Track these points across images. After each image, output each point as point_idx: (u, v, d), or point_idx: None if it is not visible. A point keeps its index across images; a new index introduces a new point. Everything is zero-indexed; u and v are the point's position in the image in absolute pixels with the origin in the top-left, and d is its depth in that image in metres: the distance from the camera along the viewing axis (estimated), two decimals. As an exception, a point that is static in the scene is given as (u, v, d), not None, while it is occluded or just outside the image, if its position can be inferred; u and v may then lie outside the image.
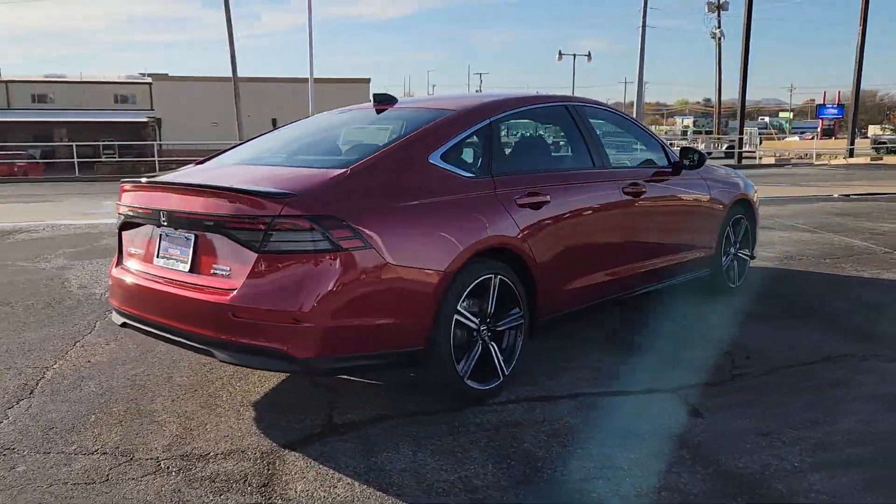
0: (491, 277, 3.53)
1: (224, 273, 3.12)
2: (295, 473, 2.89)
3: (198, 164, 4.12)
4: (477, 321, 3.51)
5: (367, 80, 57.03)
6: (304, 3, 25.35)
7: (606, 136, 4.83)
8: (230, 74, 29.41)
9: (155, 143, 36.00)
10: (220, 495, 2.71)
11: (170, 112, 46.63)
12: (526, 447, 3.10)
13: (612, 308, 5.13)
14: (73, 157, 32.19)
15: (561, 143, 4.99)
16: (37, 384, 3.88)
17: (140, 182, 3.54)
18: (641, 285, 4.73)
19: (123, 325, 3.61)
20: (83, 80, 57.80)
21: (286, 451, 3.09)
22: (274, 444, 3.15)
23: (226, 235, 3.08)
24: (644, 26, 26.15)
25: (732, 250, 5.69)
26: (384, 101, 4.22)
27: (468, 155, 3.83)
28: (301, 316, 2.95)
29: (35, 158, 38.58)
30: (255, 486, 2.79)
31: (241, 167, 3.77)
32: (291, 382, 3.89)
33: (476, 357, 3.50)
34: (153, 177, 3.64)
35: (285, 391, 3.79)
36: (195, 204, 3.20)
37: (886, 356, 4.21)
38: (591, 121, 4.52)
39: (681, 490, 2.73)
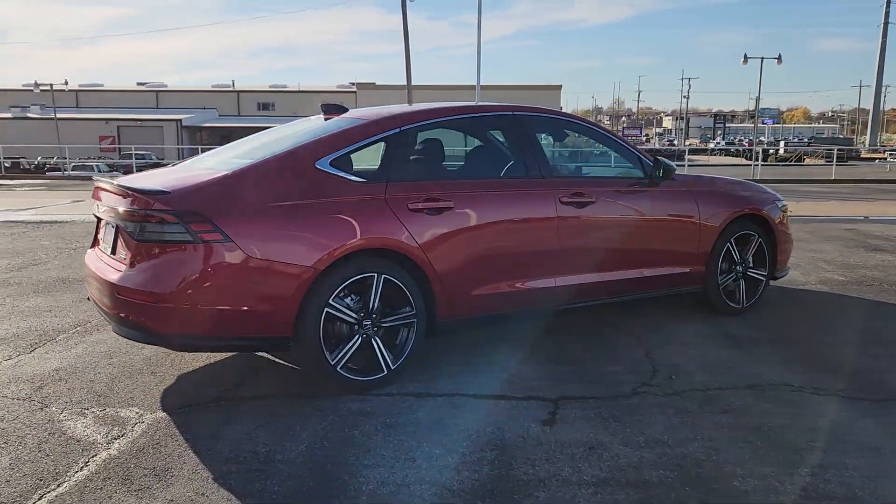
0: (373, 276, 3.78)
1: (122, 258, 3.68)
2: (148, 428, 3.36)
3: (172, 165, 4.76)
4: (356, 315, 3.78)
5: (558, 87, 57.23)
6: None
7: (573, 148, 4.84)
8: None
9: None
10: (86, 426, 3.26)
11: (372, 118, 49.39)
12: (350, 432, 3.35)
13: (568, 317, 5.15)
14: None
15: (488, 152, 5.00)
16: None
17: (94, 182, 4.23)
18: (588, 297, 4.68)
19: (88, 298, 4.30)
20: (300, 89, 63.29)
21: (164, 412, 3.58)
22: (164, 406, 3.66)
23: (123, 226, 3.64)
24: (886, 24, 23.67)
25: (739, 268, 5.37)
26: (331, 111, 4.59)
27: (368, 161, 4.09)
28: (161, 297, 3.44)
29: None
30: (112, 435, 3.30)
31: (185, 168, 4.33)
32: (233, 361, 4.39)
33: (352, 349, 3.78)
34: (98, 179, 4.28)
35: (218, 366, 4.29)
36: (111, 200, 3.80)
37: (829, 390, 3.88)
38: (535, 130, 4.58)
39: (444, 485, 2.85)
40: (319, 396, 3.80)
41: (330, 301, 3.68)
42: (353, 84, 61.91)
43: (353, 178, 3.89)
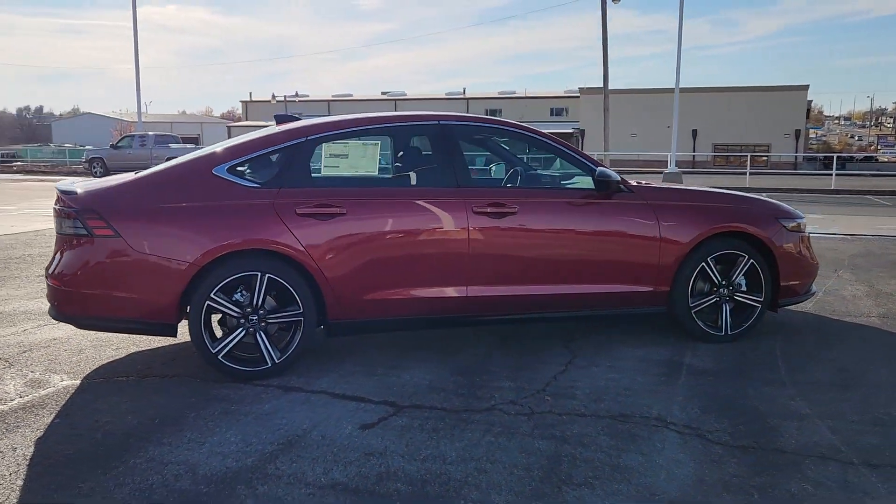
0: (256, 275, 4.10)
1: (55, 250, 4.34)
2: (54, 392, 3.98)
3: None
4: (238, 310, 4.12)
5: (804, 88, 52.33)
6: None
7: (520, 156, 4.76)
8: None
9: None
10: (15, 383, 3.98)
11: (593, 123, 49.11)
12: (188, 414, 3.70)
13: (519, 330, 5.04)
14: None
15: (402, 161, 4.95)
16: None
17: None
18: (512, 311, 4.57)
19: None
20: (526, 95, 64.31)
21: (83, 380, 4.19)
22: (88, 376, 4.28)
23: (54, 222, 4.31)
24: None
25: (724, 291, 4.87)
26: (282, 121, 4.93)
27: (266, 168, 4.38)
28: (65, 282, 4.05)
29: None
30: (23, 392, 3.97)
31: (130, 174, 4.89)
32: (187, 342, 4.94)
33: (234, 341, 4.12)
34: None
35: (171, 346, 4.85)
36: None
37: (704, 432, 3.48)
38: (462, 139, 4.57)
39: (193, 467, 3.10)
40: (214, 381, 4.18)
41: (211, 295, 4.05)
42: (580, 89, 61.65)
43: (246, 183, 4.23)
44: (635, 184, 4.97)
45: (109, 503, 2.82)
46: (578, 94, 58.61)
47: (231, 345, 4.13)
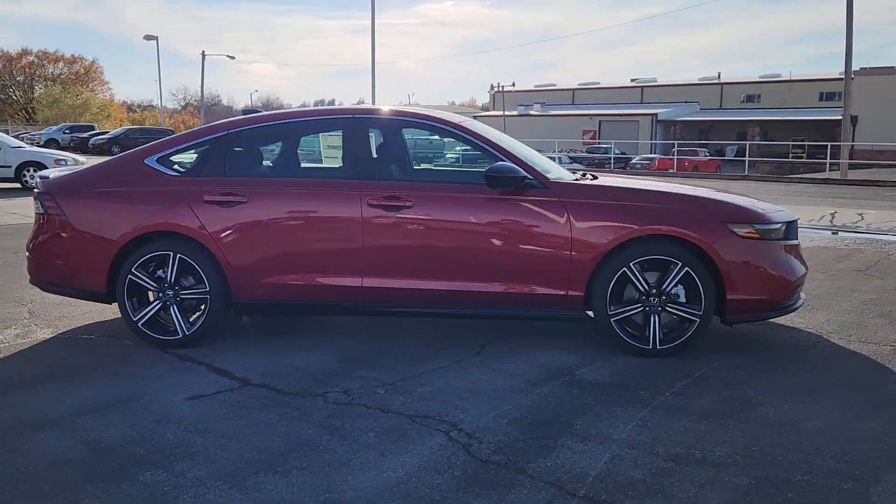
0: (170, 254, 4.62)
1: None
2: (33, 341, 4.87)
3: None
4: (155, 285, 4.67)
5: None
6: None
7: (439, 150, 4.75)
8: None
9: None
10: (12, 331, 4.95)
11: (869, 109, 43.61)
12: (74, 371, 4.32)
13: (450, 323, 5.03)
14: (763, 157, 31.48)
15: (312, 153, 4.99)
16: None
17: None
18: (410, 304, 4.58)
19: None
20: (791, 78, 58.55)
21: (60, 334, 5.04)
22: (69, 332, 5.12)
23: None
24: None
25: (654, 301, 4.43)
26: (246, 114, 5.35)
27: (191, 159, 4.83)
28: (31, 252, 4.91)
29: (709, 155, 42.14)
30: (12, 340, 4.91)
31: None
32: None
33: (151, 312, 4.68)
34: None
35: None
36: None
37: (465, 435, 3.34)
38: (371, 133, 4.67)
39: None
40: (137, 346, 4.76)
41: (132, 270, 4.65)
42: (855, 71, 54.77)
43: (170, 172, 4.75)
44: (575, 177, 4.68)
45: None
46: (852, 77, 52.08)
47: (148, 315, 4.69)
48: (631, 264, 4.40)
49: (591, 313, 4.58)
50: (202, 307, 4.70)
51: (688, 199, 4.59)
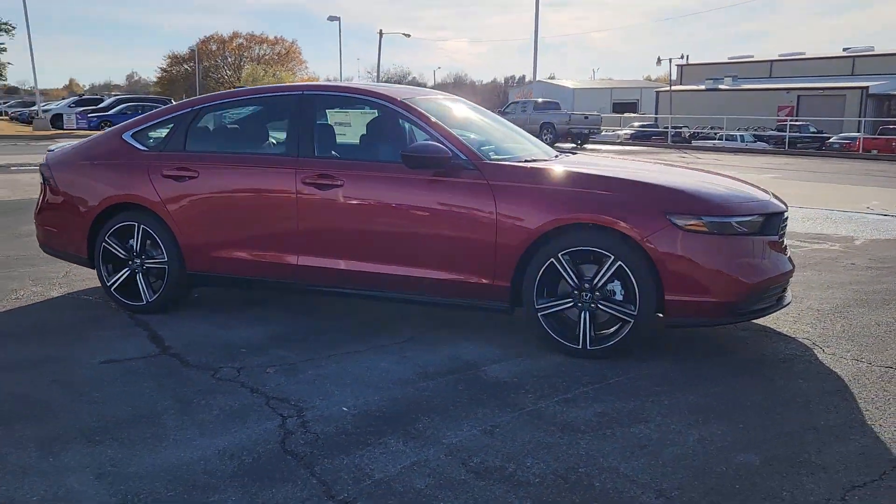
0: (134, 225, 4.90)
1: None
2: (45, 296, 5.42)
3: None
4: (125, 253, 4.97)
5: None
6: None
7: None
8: None
9: None
10: (28, 284, 5.56)
11: None
12: (62, 325, 4.72)
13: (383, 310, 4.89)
14: None
15: (260, 130, 4.88)
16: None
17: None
18: (343, 284, 4.51)
19: None
20: None
21: (63, 290, 5.56)
22: (77, 289, 5.63)
23: None
24: None
25: (587, 297, 4.02)
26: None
27: (161, 134, 5.02)
28: (36, 219, 5.39)
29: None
30: (34, 290, 5.49)
31: None
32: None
33: (121, 278, 4.99)
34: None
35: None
36: None
37: (275, 399, 3.25)
38: (320, 109, 4.65)
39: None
40: (113, 310, 5.10)
41: (106, 238, 4.98)
42: None
43: (141, 147, 5.01)
44: (523, 162, 4.35)
45: None
46: None
47: (119, 281, 5.00)
48: (560, 255, 4.01)
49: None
50: (162, 276, 4.93)
51: (626, 185, 4.08)
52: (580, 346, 4.06)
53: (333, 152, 4.59)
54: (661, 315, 3.99)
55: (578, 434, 3.18)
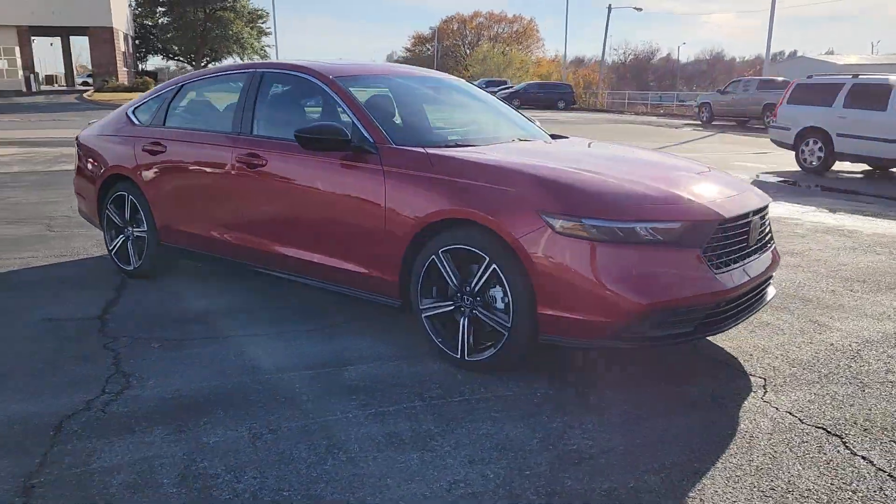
0: (125, 195, 5.23)
1: None
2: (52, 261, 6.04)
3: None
4: (121, 221, 5.32)
5: None
6: None
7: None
8: None
9: None
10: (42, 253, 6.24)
11: None
12: (42, 288, 5.22)
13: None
14: None
15: (218, 107, 4.69)
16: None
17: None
18: (268, 265, 4.43)
19: None
20: None
21: (99, 251, 6.12)
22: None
23: None
24: None
25: (466, 300, 3.56)
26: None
27: (153, 110, 5.22)
28: (74, 189, 5.94)
29: None
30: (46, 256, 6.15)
31: None
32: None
33: (118, 244, 5.36)
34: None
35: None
36: None
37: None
38: (271, 87, 4.58)
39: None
40: (113, 272, 5.50)
41: (107, 205, 5.37)
42: None
43: (136, 122, 5.29)
44: (437, 150, 3.93)
45: None
46: None
47: (117, 246, 5.36)
48: (440, 252, 3.58)
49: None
50: (146, 242, 5.20)
51: (511, 176, 3.47)
52: (458, 356, 3.61)
53: (271, 132, 4.48)
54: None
55: (347, 454, 2.83)
